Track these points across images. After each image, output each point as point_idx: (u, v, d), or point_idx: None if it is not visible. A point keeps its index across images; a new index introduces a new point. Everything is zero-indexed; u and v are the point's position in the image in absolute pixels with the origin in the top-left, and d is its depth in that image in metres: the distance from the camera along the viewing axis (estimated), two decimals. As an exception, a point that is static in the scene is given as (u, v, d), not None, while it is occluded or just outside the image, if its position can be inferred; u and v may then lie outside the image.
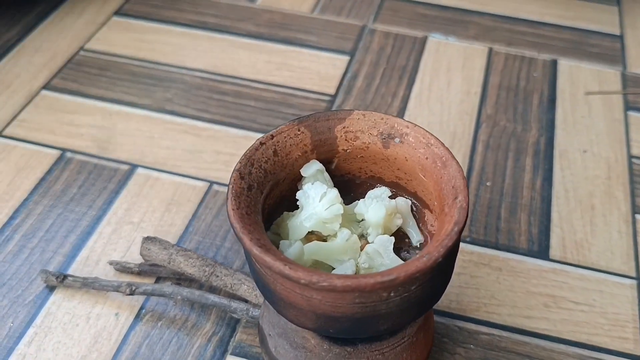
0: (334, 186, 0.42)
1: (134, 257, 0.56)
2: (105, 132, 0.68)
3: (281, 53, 0.79)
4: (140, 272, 0.55)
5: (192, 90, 0.74)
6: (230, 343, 0.51)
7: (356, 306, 0.34)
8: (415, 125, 0.40)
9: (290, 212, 0.41)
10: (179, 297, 0.51)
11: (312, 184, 0.40)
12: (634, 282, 0.56)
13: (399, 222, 0.40)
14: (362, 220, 0.41)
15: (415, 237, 0.41)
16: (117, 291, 0.52)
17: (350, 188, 0.44)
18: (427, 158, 0.39)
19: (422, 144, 0.39)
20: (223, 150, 0.67)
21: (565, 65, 0.79)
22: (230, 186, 0.37)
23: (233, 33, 0.82)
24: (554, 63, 0.79)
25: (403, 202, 0.41)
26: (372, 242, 0.39)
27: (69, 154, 0.66)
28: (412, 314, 0.36)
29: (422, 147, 0.39)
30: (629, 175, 0.65)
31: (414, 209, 0.42)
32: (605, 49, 0.81)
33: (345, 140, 0.41)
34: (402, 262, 0.38)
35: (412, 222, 0.41)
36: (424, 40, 0.82)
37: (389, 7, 0.87)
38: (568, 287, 0.55)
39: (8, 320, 0.52)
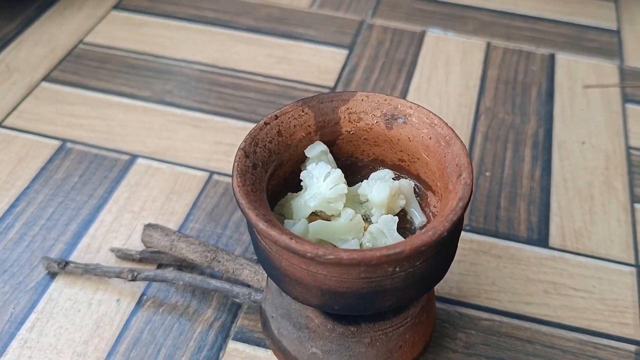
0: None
1: (135, 245, 0.57)
2: (105, 123, 0.68)
3: (280, 47, 0.79)
4: (142, 259, 0.55)
5: (191, 83, 0.74)
6: (232, 328, 0.51)
7: (362, 281, 0.34)
8: (419, 105, 0.40)
9: (295, 193, 0.41)
10: (181, 283, 0.51)
11: (316, 164, 0.40)
12: (633, 269, 0.56)
13: (402, 202, 0.41)
14: (366, 201, 0.41)
15: (419, 218, 0.41)
16: (119, 277, 0.52)
17: (353, 171, 0.44)
18: (430, 138, 0.39)
19: (425, 124, 0.40)
20: (223, 140, 0.67)
21: (563, 59, 0.79)
22: (236, 164, 0.37)
23: (232, 27, 0.82)
24: (552, 57, 0.79)
25: (406, 184, 0.41)
26: (376, 222, 0.40)
27: (69, 144, 0.66)
28: (416, 290, 0.36)
29: (426, 127, 0.39)
30: (627, 166, 0.65)
31: (417, 191, 0.42)
32: (602, 43, 0.82)
33: (349, 121, 0.41)
34: (406, 241, 0.38)
35: (414, 203, 0.41)
36: (422, 35, 0.82)
37: (387, 2, 0.88)
38: (567, 274, 0.55)
39: (10, 306, 0.52)
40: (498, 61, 0.79)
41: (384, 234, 0.38)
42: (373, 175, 0.42)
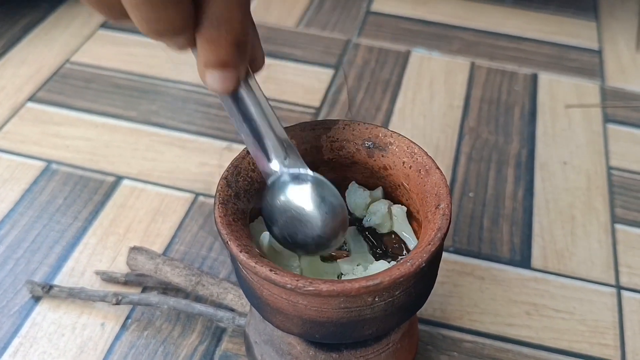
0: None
1: (120, 268, 0.57)
2: (91, 143, 0.68)
3: (266, 66, 0.80)
4: (127, 282, 0.55)
5: (177, 103, 0.74)
6: (216, 352, 0.51)
7: (341, 311, 0.34)
8: (400, 134, 0.41)
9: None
10: (166, 307, 0.51)
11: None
12: (614, 290, 0.57)
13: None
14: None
15: (412, 242, 0.41)
16: (104, 301, 0.52)
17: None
18: (410, 167, 0.40)
19: (405, 153, 0.40)
20: (208, 162, 0.67)
21: (546, 79, 0.80)
22: (217, 194, 0.37)
23: (219, 46, 0.82)
24: (535, 77, 0.81)
25: (398, 209, 0.42)
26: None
27: (54, 166, 0.66)
28: (396, 319, 0.37)
29: (406, 156, 0.40)
30: (608, 186, 0.66)
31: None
32: (584, 63, 0.83)
33: (331, 149, 0.42)
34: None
35: (407, 227, 0.41)
36: (407, 55, 0.83)
37: (373, 22, 0.89)
38: (549, 295, 0.56)
39: (-8, 331, 0.52)
40: (482, 81, 0.80)
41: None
42: (372, 208, 0.42)
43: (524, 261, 0.59)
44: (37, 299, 0.54)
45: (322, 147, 0.42)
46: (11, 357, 0.50)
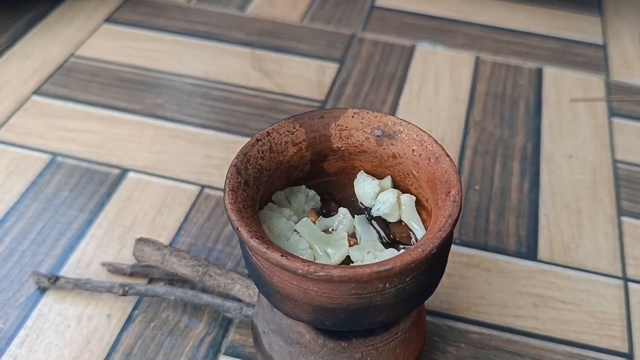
0: (328, 185, 0.42)
1: (126, 259, 0.57)
2: (96, 136, 0.68)
3: (271, 60, 0.80)
4: (133, 273, 0.55)
5: (182, 97, 0.74)
6: (223, 343, 0.51)
7: (352, 297, 0.34)
8: (409, 122, 0.41)
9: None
10: (172, 297, 0.51)
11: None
12: (620, 282, 0.57)
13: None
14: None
15: (420, 232, 0.41)
16: (110, 292, 0.52)
17: (345, 186, 0.44)
18: (420, 155, 0.40)
19: (415, 141, 0.40)
20: (214, 154, 0.67)
21: (550, 73, 0.80)
22: (227, 181, 0.37)
23: (223, 41, 0.82)
24: (539, 71, 0.80)
25: (407, 198, 0.42)
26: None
27: (60, 158, 0.66)
28: (406, 306, 0.36)
29: (415, 144, 0.40)
30: (614, 179, 0.66)
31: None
32: (589, 57, 0.83)
33: (340, 138, 0.42)
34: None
35: (416, 217, 0.41)
36: (412, 49, 0.83)
37: (377, 17, 0.89)
38: (556, 287, 0.56)
39: (-1, 321, 0.52)
40: (487, 75, 0.80)
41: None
42: (381, 197, 0.42)
43: (531, 253, 0.59)
44: (43, 291, 0.54)
45: (331, 135, 0.42)
46: (18, 348, 0.50)
